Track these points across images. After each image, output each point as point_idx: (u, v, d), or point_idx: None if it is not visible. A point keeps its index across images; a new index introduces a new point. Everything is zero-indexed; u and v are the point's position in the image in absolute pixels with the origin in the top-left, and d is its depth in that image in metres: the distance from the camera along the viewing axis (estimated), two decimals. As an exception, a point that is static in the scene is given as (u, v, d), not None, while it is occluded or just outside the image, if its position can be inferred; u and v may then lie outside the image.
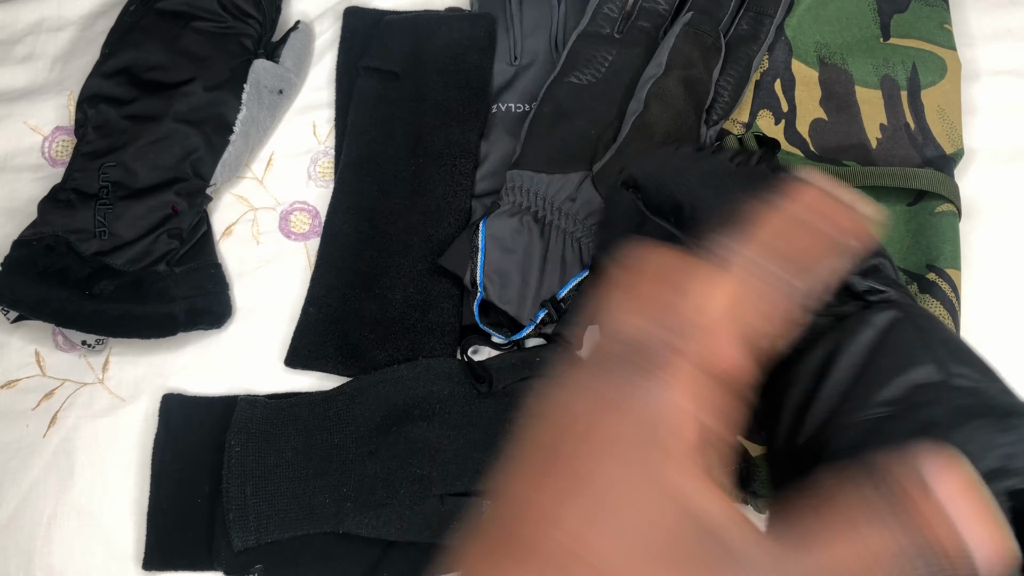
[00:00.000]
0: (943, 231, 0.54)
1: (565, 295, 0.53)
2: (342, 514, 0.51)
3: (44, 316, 0.54)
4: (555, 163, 0.55)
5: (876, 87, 0.59)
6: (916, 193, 0.56)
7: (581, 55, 0.57)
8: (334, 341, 0.56)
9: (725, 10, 0.57)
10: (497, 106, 0.62)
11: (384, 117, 0.61)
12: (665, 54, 0.55)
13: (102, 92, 0.58)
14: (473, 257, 0.54)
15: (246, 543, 0.50)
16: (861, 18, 0.60)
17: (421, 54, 0.61)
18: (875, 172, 0.55)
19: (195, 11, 0.60)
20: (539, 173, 0.54)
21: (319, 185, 0.63)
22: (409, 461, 0.52)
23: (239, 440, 0.52)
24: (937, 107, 0.58)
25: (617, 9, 0.58)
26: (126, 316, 0.54)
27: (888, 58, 0.59)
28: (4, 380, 0.58)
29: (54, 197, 0.57)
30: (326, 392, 0.55)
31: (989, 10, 0.64)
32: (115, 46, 0.60)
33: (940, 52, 0.59)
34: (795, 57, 0.60)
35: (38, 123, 0.65)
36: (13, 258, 0.55)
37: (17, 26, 0.68)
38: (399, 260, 0.58)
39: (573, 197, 0.54)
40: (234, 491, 0.51)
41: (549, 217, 0.54)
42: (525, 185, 0.55)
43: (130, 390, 0.58)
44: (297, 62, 0.63)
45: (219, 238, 0.61)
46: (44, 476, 0.56)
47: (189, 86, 0.58)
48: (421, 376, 0.54)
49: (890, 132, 0.58)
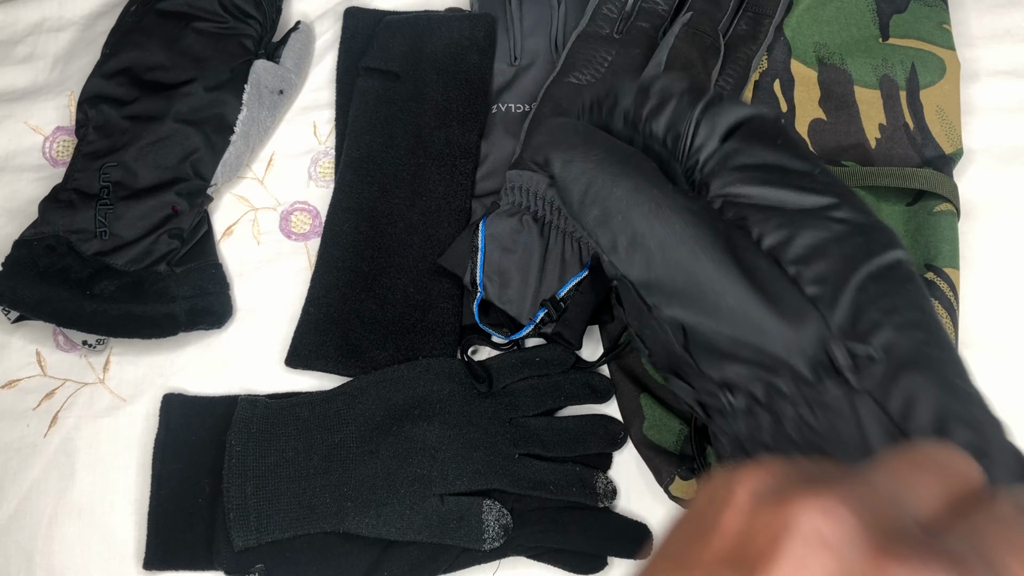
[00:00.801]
0: (942, 230, 0.54)
1: (565, 294, 0.53)
2: (342, 513, 0.51)
3: (45, 316, 0.54)
4: (555, 163, 0.55)
5: (875, 87, 0.59)
6: (915, 193, 0.56)
7: (581, 55, 0.57)
8: (334, 341, 0.56)
9: (724, 10, 0.57)
10: (497, 106, 0.62)
11: (384, 117, 0.61)
12: (664, 54, 0.55)
13: (103, 92, 0.58)
14: (473, 257, 0.54)
15: (247, 543, 0.50)
16: (860, 18, 0.60)
17: (421, 54, 0.62)
18: (874, 172, 0.55)
19: (196, 11, 0.60)
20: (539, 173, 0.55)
21: (319, 185, 0.63)
22: (409, 460, 0.52)
23: (240, 440, 0.52)
24: (936, 107, 0.58)
25: (616, 9, 0.58)
26: (127, 316, 0.54)
27: (887, 58, 0.59)
28: (5, 380, 0.58)
29: (55, 197, 0.57)
30: (326, 392, 0.55)
31: (989, 10, 0.64)
32: (116, 46, 0.60)
33: (939, 52, 0.59)
34: (794, 57, 0.60)
35: (39, 123, 0.65)
36: (14, 258, 0.55)
37: (18, 26, 0.68)
38: (399, 260, 0.58)
39: (573, 197, 0.54)
40: (235, 491, 0.51)
41: (548, 217, 0.54)
42: (525, 185, 0.55)
43: (131, 390, 0.58)
44: (298, 62, 0.64)
45: (220, 238, 0.61)
46: (45, 476, 0.56)
47: (190, 86, 0.58)
48: (421, 376, 0.54)
49: (889, 132, 0.58)
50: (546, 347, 0.56)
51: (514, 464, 0.53)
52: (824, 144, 0.58)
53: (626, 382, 0.55)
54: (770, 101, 0.59)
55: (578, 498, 0.52)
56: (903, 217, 0.56)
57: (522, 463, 0.53)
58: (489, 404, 0.54)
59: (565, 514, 0.52)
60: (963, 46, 0.61)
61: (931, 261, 0.53)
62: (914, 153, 0.57)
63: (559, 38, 0.63)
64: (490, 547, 0.51)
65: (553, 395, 0.55)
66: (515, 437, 0.53)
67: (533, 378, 0.55)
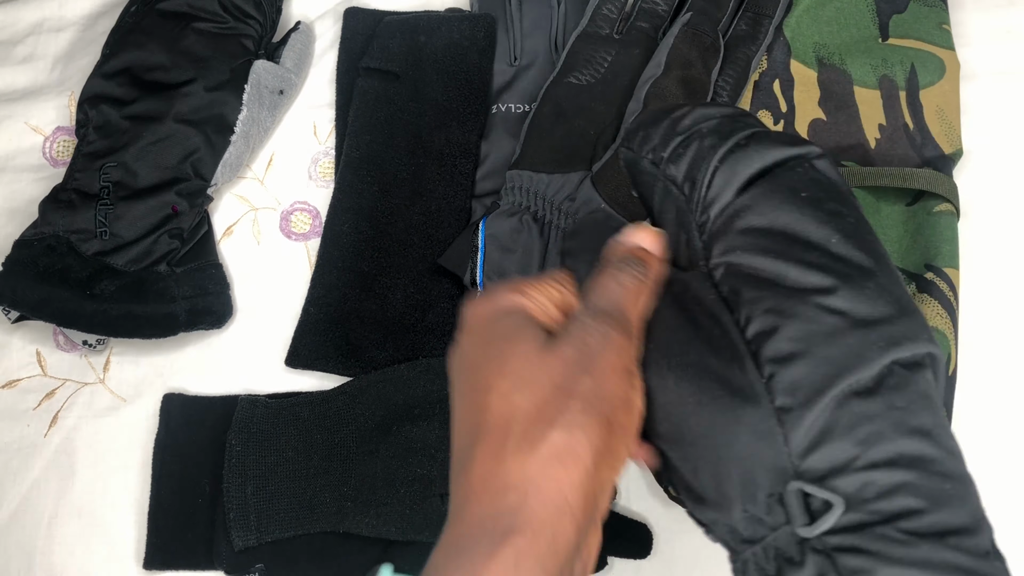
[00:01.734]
0: (941, 230, 0.54)
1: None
2: (343, 513, 0.51)
3: (45, 316, 0.54)
4: (554, 163, 0.55)
5: (875, 87, 0.59)
6: (915, 193, 0.56)
7: (580, 55, 0.57)
8: (334, 341, 0.56)
9: (724, 11, 0.57)
10: (497, 106, 0.62)
11: (384, 117, 0.61)
12: (664, 54, 0.55)
13: (103, 92, 0.58)
14: (473, 256, 0.54)
15: (247, 542, 0.50)
16: (860, 18, 0.60)
17: (421, 54, 0.62)
18: (873, 172, 0.55)
19: (196, 12, 0.60)
20: (538, 173, 0.55)
21: (320, 185, 0.63)
22: (409, 460, 0.52)
23: (240, 439, 0.52)
24: (936, 107, 0.58)
25: (616, 10, 0.58)
26: (127, 316, 0.54)
27: (887, 58, 0.59)
28: (5, 380, 0.58)
29: (55, 197, 0.57)
30: (326, 392, 0.55)
31: (988, 10, 0.64)
32: (116, 46, 0.60)
33: (939, 52, 0.59)
34: (794, 57, 0.60)
35: (39, 123, 0.65)
36: (14, 258, 0.55)
37: (18, 26, 0.68)
38: (399, 260, 0.58)
39: (572, 197, 0.54)
40: (235, 490, 0.51)
41: (548, 216, 0.54)
42: (525, 185, 0.55)
43: (131, 390, 0.58)
44: (298, 62, 0.64)
45: (220, 238, 0.61)
46: (45, 476, 0.56)
47: (190, 86, 0.58)
48: (421, 376, 0.54)
49: (889, 132, 0.58)
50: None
51: (514, 464, 0.53)
52: (823, 144, 0.58)
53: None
54: (770, 101, 0.59)
55: (578, 498, 0.52)
56: (903, 217, 0.56)
57: (522, 463, 0.53)
58: (489, 404, 0.54)
59: (565, 514, 0.52)
60: (963, 46, 0.61)
61: (931, 261, 0.53)
62: (914, 153, 0.57)
63: (559, 38, 0.63)
64: (490, 547, 0.51)
65: (553, 395, 0.55)
66: (515, 437, 0.53)
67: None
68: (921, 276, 0.53)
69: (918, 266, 0.54)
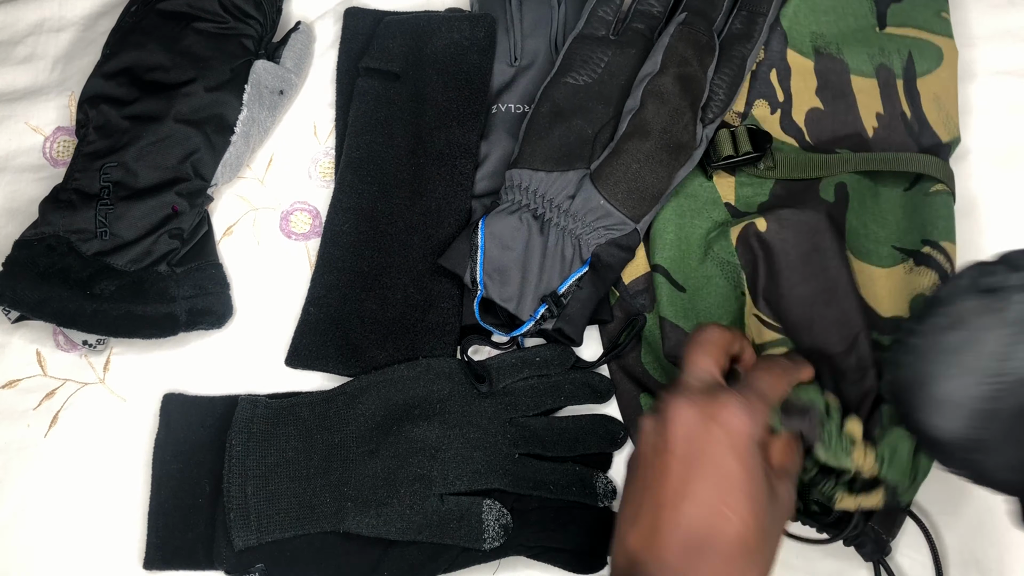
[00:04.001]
0: (937, 208, 0.54)
1: (565, 290, 0.53)
2: (343, 513, 0.51)
3: (45, 316, 0.54)
4: (553, 161, 0.55)
5: (872, 76, 0.59)
6: (912, 179, 0.56)
7: (577, 56, 0.57)
8: (334, 341, 0.56)
9: (718, 10, 0.57)
10: (497, 106, 0.62)
11: (384, 117, 0.61)
12: (660, 53, 0.55)
13: (103, 92, 0.58)
14: (473, 255, 0.54)
15: (247, 543, 0.50)
16: (857, 7, 0.60)
17: (421, 55, 0.62)
18: (869, 157, 0.56)
19: (196, 12, 0.60)
20: (538, 172, 0.55)
21: (320, 185, 0.63)
22: (409, 460, 0.52)
23: (240, 440, 0.52)
24: (933, 95, 0.58)
25: (612, 12, 0.59)
26: (127, 316, 0.55)
27: (884, 47, 0.59)
28: (5, 380, 0.58)
29: (55, 197, 0.57)
30: (327, 392, 0.55)
31: (989, 10, 0.64)
32: (116, 47, 0.60)
33: (937, 40, 0.59)
34: (790, 47, 0.60)
35: (39, 123, 0.65)
36: (14, 258, 0.55)
37: (18, 27, 0.68)
38: (399, 260, 0.58)
39: (572, 195, 0.54)
40: (235, 490, 0.51)
41: (548, 215, 0.54)
42: (524, 183, 0.55)
43: (131, 390, 0.58)
44: (298, 63, 0.64)
45: (220, 238, 0.61)
46: (45, 476, 0.56)
47: (190, 87, 0.58)
48: (421, 376, 0.54)
49: (886, 121, 0.58)
50: (546, 347, 0.56)
51: (514, 464, 0.53)
52: (821, 133, 0.59)
53: (626, 382, 0.56)
54: (767, 91, 0.59)
55: (578, 498, 0.52)
56: (900, 201, 0.56)
57: (522, 463, 0.53)
58: (489, 404, 0.54)
59: (565, 514, 0.52)
60: (963, 46, 0.61)
61: (928, 236, 0.54)
62: (911, 141, 0.57)
63: (559, 38, 0.63)
64: (490, 547, 0.51)
65: (553, 395, 0.55)
66: (515, 437, 0.53)
67: (533, 378, 0.55)
68: (918, 251, 0.53)
69: (915, 243, 0.54)
